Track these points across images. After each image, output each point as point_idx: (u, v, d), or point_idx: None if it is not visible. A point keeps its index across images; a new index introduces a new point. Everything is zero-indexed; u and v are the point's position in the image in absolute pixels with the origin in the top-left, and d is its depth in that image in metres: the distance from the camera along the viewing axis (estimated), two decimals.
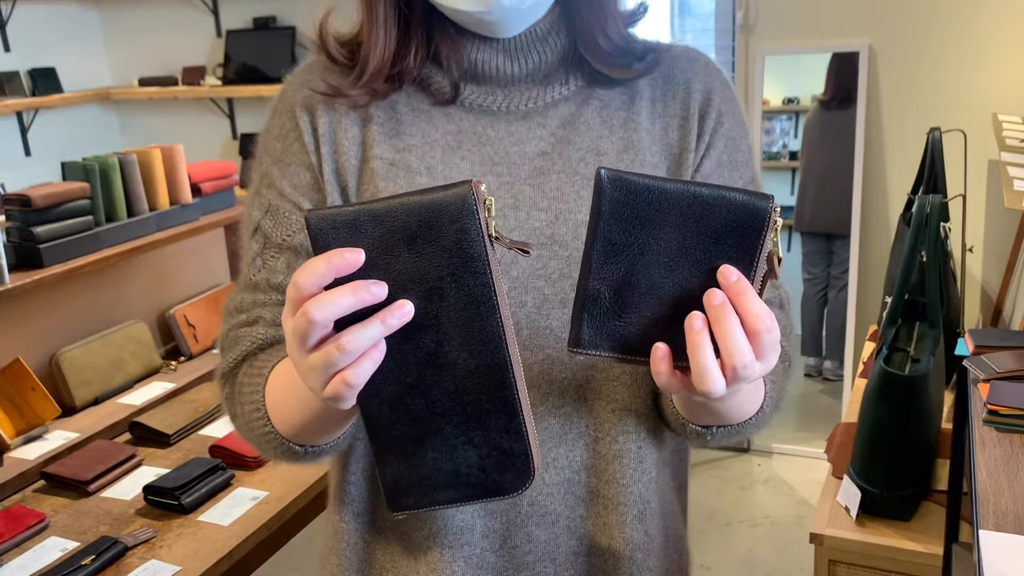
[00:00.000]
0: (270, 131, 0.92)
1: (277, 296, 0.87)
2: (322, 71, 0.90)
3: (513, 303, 0.83)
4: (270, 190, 0.89)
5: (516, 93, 0.88)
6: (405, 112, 0.88)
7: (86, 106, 4.32)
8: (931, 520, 1.82)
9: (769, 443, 3.39)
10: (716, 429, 0.83)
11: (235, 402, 0.86)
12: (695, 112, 0.89)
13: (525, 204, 0.85)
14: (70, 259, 1.97)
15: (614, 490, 0.88)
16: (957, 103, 2.90)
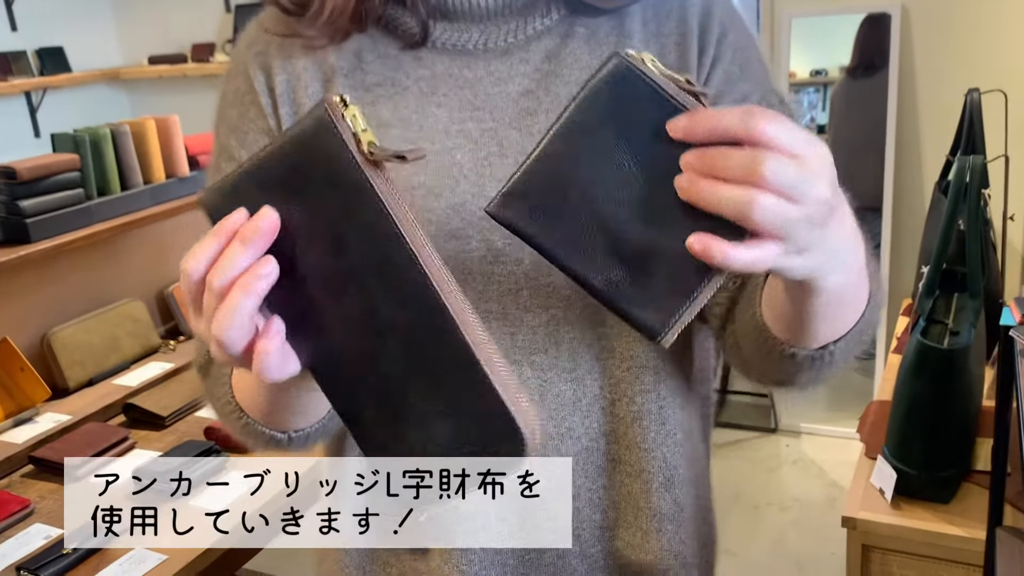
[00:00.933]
0: (225, 97, 0.85)
1: None
2: (274, 23, 0.81)
3: (509, 261, 0.76)
4: (229, 163, 0.82)
5: (492, 28, 0.80)
6: (371, 60, 0.80)
7: (95, 85, 4.27)
8: (972, 502, 1.72)
9: (798, 423, 3.30)
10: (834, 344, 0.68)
11: (211, 395, 0.83)
12: (694, 29, 0.80)
13: (512, 150, 0.77)
14: (59, 234, 1.90)
15: (636, 455, 0.81)
16: (996, 62, 2.77)
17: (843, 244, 0.59)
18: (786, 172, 0.50)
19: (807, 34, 3.29)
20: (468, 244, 0.76)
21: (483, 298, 0.76)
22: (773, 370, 0.74)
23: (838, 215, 0.56)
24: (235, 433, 0.80)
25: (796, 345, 0.69)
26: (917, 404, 1.69)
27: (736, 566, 2.55)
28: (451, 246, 0.75)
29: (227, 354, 0.54)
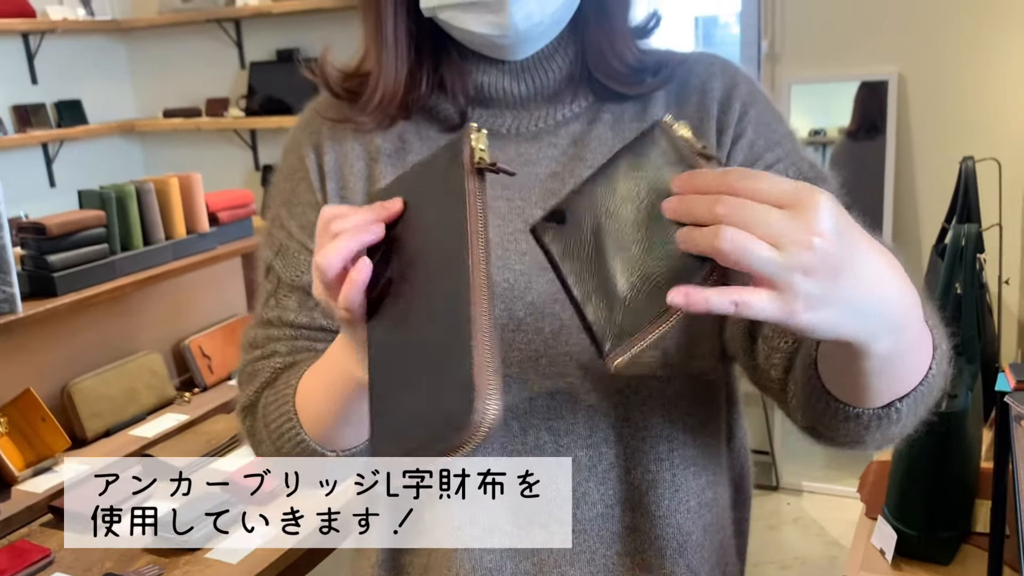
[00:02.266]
0: (280, 172, 0.94)
1: (290, 331, 0.89)
2: (327, 108, 0.91)
3: (530, 330, 0.80)
4: (280, 231, 0.91)
5: (525, 114, 0.86)
6: (413, 142, 0.88)
7: (110, 137, 4.36)
8: (971, 564, 1.74)
9: (799, 481, 3.31)
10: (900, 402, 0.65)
11: (260, 426, 0.87)
12: (713, 113, 0.85)
13: None
14: (84, 288, 1.95)
15: (650, 523, 0.84)
16: (990, 131, 2.84)
17: (871, 302, 0.56)
18: (752, 211, 0.52)
19: (806, 96, 3.36)
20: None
21: (506, 363, 0.80)
22: (840, 431, 0.70)
23: (854, 269, 0.54)
24: (280, 453, 0.84)
25: (859, 405, 0.66)
26: (916, 466, 1.72)
27: None
28: None
29: (322, 279, 0.65)
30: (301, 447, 0.82)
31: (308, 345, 0.88)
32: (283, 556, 1.53)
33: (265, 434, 0.86)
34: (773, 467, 3.32)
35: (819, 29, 3.04)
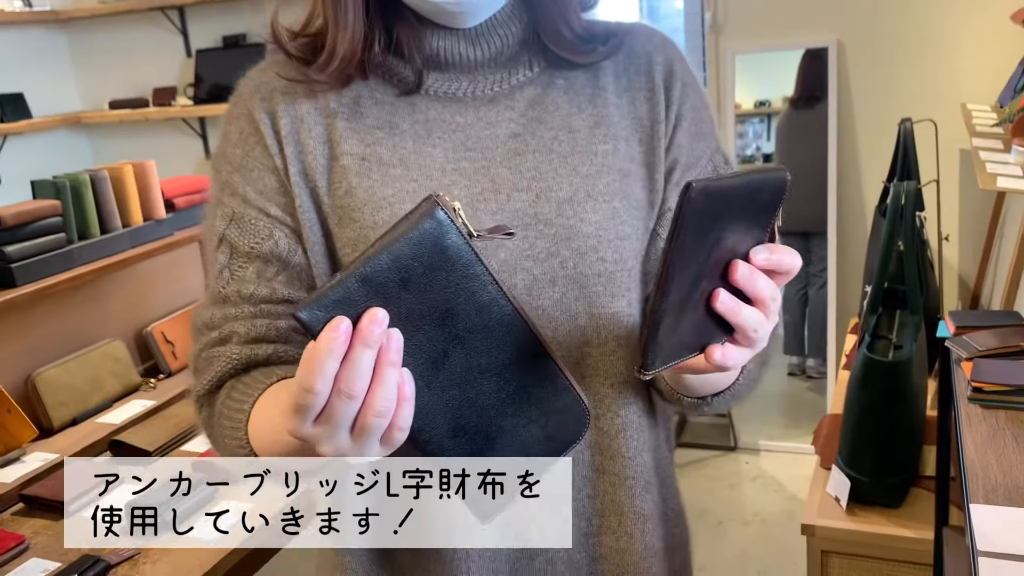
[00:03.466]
0: (228, 137, 0.89)
1: (249, 308, 0.86)
2: (276, 74, 0.89)
3: (503, 285, 0.83)
4: (232, 198, 0.87)
5: (480, 78, 0.88)
6: (369, 105, 0.87)
7: (56, 131, 4.29)
8: (920, 506, 1.83)
9: (756, 440, 3.40)
10: (711, 398, 0.85)
11: (215, 429, 0.85)
12: (660, 84, 0.90)
13: (505, 186, 0.84)
14: (43, 277, 1.94)
15: (620, 464, 0.89)
16: (926, 94, 2.94)
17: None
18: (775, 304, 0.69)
19: (750, 68, 3.42)
20: None
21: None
22: (671, 403, 0.91)
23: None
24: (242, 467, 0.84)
25: (683, 395, 0.86)
26: (865, 415, 1.79)
27: None
28: None
29: (375, 427, 0.59)
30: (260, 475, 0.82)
31: (268, 324, 0.85)
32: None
33: (220, 442, 0.85)
34: (731, 428, 3.41)
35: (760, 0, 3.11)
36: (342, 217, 0.84)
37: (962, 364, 1.40)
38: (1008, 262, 2.25)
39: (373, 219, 0.83)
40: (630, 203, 0.87)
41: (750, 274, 0.66)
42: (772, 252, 0.67)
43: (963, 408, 1.31)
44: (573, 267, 0.83)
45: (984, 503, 1.06)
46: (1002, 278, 2.33)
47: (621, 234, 0.85)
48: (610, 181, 0.86)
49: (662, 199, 0.89)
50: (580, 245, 0.83)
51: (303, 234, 0.86)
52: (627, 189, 0.87)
